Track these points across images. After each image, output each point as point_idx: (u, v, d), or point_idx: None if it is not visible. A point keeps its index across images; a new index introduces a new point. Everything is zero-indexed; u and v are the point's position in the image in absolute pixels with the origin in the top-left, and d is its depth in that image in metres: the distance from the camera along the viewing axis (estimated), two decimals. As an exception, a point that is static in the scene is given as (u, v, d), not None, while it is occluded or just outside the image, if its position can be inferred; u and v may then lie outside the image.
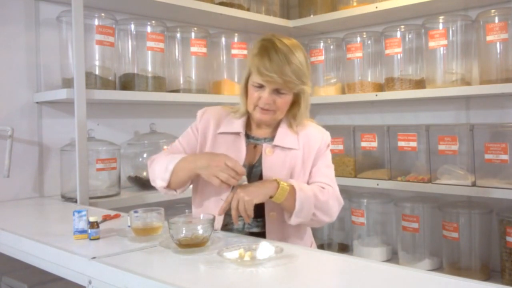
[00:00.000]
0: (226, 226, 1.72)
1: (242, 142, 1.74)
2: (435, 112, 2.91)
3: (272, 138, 1.76)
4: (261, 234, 1.68)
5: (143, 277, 1.18)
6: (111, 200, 2.33)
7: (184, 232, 1.40)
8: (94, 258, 1.33)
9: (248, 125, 1.81)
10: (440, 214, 2.65)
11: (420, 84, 2.76)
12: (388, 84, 2.86)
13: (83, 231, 1.54)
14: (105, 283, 1.27)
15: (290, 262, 1.30)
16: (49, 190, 2.46)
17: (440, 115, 2.89)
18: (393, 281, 1.19)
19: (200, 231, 1.41)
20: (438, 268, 2.68)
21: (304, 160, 1.75)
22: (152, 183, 1.77)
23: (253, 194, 1.55)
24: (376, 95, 2.89)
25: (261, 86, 1.66)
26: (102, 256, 1.34)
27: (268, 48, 1.64)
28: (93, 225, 1.53)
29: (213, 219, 1.46)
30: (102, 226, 1.63)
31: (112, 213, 1.92)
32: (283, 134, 1.75)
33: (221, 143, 1.77)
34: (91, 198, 2.26)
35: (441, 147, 2.60)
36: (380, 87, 2.99)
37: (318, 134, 1.80)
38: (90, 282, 1.31)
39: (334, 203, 1.70)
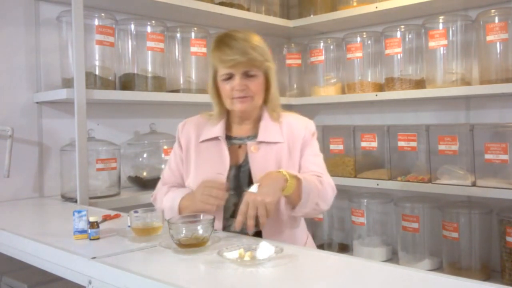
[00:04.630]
0: (224, 228, 1.71)
1: (223, 146, 1.74)
2: (435, 112, 2.91)
3: (255, 136, 1.75)
4: (259, 233, 1.67)
5: (143, 277, 1.18)
6: (111, 200, 2.33)
7: (184, 232, 1.40)
8: (94, 258, 1.33)
9: (228, 127, 1.80)
10: (440, 214, 2.65)
11: (420, 84, 2.76)
12: (388, 84, 2.86)
13: (83, 231, 1.54)
14: (105, 283, 1.27)
15: (290, 262, 1.30)
16: (49, 190, 2.46)
17: (440, 115, 2.89)
18: (393, 281, 1.19)
19: (200, 231, 1.41)
20: (438, 268, 2.68)
21: (290, 151, 1.74)
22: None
23: (271, 194, 1.53)
24: (376, 95, 2.89)
25: (230, 77, 1.68)
26: (102, 256, 1.34)
27: (224, 39, 1.68)
28: (93, 225, 1.53)
29: (213, 219, 1.46)
30: (102, 226, 1.63)
31: (112, 213, 1.91)
32: (266, 127, 1.75)
33: (204, 151, 1.77)
34: (91, 198, 2.26)
35: (441, 147, 2.60)
36: (380, 87, 2.99)
37: (301, 123, 1.79)
38: (90, 282, 1.31)
39: (330, 191, 1.71)
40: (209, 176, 1.68)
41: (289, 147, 1.74)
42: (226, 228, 1.71)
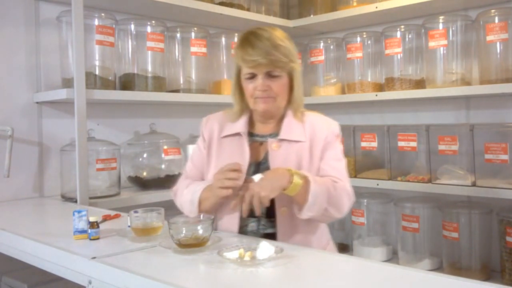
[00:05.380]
0: (241, 229, 1.68)
1: (245, 142, 1.71)
2: (435, 112, 2.91)
3: (277, 134, 1.72)
4: (274, 236, 1.64)
5: (143, 277, 1.18)
6: (111, 200, 2.33)
7: (184, 232, 1.40)
8: (94, 258, 1.33)
9: (251, 124, 1.78)
10: (440, 214, 2.65)
11: (420, 84, 2.76)
12: (388, 84, 2.86)
13: (83, 231, 1.54)
14: (105, 283, 1.27)
15: (290, 262, 1.30)
16: (49, 190, 2.46)
17: (440, 115, 2.89)
18: (393, 281, 1.19)
19: (200, 231, 1.41)
20: (438, 268, 2.68)
21: (312, 151, 1.69)
22: (182, 211, 1.78)
23: (268, 189, 1.51)
24: (376, 95, 2.89)
25: (253, 76, 1.65)
26: (102, 256, 1.34)
27: (248, 37, 1.65)
28: (93, 225, 1.53)
29: (213, 219, 1.46)
30: (102, 226, 1.63)
31: (112, 213, 1.92)
32: (289, 126, 1.71)
33: (225, 146, 1.75)
34: (91, 198, 2.26)
35: (441, 147, 2.60)
36: (380, 87, 2.99)
37: (325, 124, 1.74)
38: (90, 282, 1.31)
39: (345, 199, 1.65)
40: None
41: (311, 147, 1.70)
42: (242, 228, 1.68)
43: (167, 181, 2.61)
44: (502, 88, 2.37)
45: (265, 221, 1.67)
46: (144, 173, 2.62)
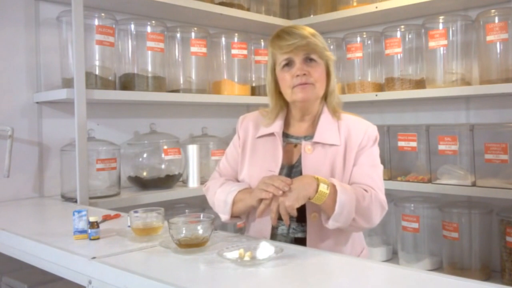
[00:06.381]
0: (271, 231, 1.66)
1: (279, 143, 1.68)
2: (435, 112, 2.91)
3: (312, 136, 1.67)
4: (304, 241, 1.61)
5: (143, 277, 1.18)
6: (111, 200, 2.33)
7: (184, 232, 1.40)
8: (94, 258, 1.33)
9: (287, 125, 1.75)
10: (440, 214, 2.65)
11: (420, 84, 2.76)
12: (388, 84, 2.86)
13: (83, 231, 1.54)
14: (105, 283, 1.27)
15: (290, 262, 1.30)
16: (49, 190, 2.46)
17: (440, 115, 2.89)
18: (393, 281, 1.19)
19: (200, 231, 1.41)
20: (438, 268, 2.68)
21: (346, 156, 1.64)
22: (213, 208, 1.77)
23: (293, 198, 1.48)
24: (376, 95, 2.89)
25: (289, 63, 1.63)
26: (102, 256, 1.34)
27: (283, 29, 1.66)
28: (93, 225, 1.53)
29: (213, 219, 1.46)
30: (102, 226, 1.63)
31: (112, 213, 1.91)
32: (324, 127, 1.67)
33: (259, 146, 1.73)
34: (91, 198, 2.26)
35: (441, 147, 2.60)
36: (380, 87, 2.99)
37: (361, 127, 1.69)
38: (90, 282, 1.31)
39: (377, 209, 1.57)
40: (260, 172, 1.63)
41: (345, 151, 1.64)
42: (273, 230, 1.66)
43: (167, 181, 2.62)
44: (502, 88, 2.37)
45: (295, 225, 1.64)
46: (144, 173, 2.62)
